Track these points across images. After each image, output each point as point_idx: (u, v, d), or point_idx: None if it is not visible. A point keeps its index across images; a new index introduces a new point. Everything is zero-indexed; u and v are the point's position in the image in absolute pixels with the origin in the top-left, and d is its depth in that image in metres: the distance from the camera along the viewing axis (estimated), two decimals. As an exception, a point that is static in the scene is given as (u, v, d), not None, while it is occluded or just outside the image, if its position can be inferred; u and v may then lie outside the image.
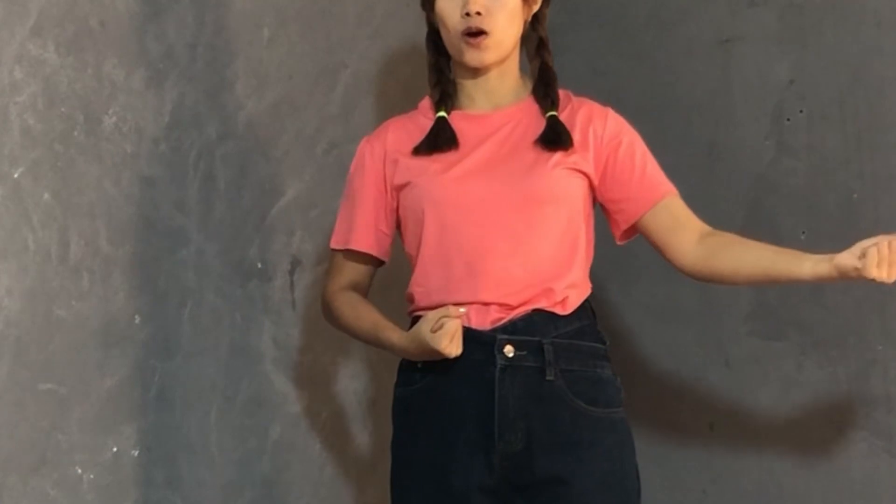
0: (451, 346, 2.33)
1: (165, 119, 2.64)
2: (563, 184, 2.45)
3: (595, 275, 2.53)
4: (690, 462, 3.10)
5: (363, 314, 2.52)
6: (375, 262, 2.58)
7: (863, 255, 2.31)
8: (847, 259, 2.33)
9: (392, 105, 2.98)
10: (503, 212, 2.42)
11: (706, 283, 2.54)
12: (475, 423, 2.39)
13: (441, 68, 2.55)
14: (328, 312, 2.60)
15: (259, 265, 2.82)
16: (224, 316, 2.74)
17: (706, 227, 2.52)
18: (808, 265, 2.38)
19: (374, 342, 2.51)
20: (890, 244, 2.30)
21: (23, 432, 2.40)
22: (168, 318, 2.64)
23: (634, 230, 2.54)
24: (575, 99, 2.55)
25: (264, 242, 2.83)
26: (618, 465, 2.42)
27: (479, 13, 2.43)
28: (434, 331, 2.34)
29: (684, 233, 2.50)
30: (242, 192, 2.79)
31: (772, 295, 3.00)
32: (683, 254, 2.50)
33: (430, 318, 2.35)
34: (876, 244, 2.30)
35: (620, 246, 2.59)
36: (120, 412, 2.55)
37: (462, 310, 2.36)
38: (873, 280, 2.31)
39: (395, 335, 2.44)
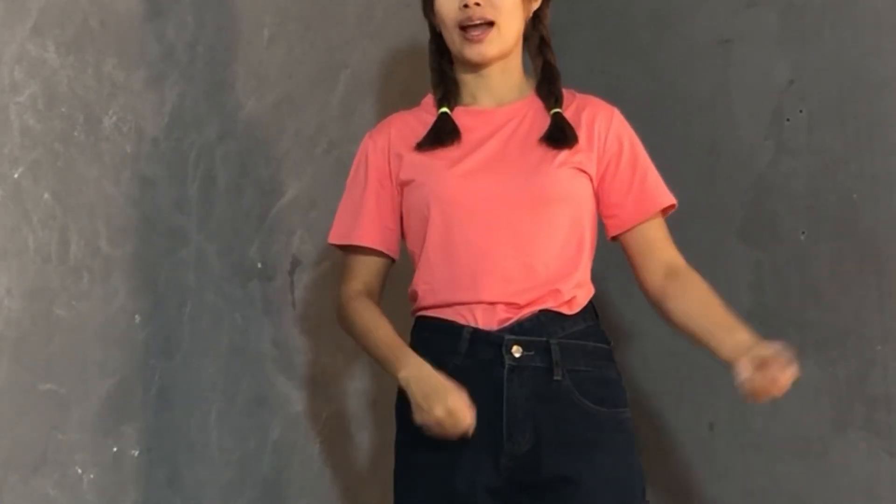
0: (428, 423, 2.31)
1: (165, 119, 2.64)
2: (568, 183, 2.45)
3: (595, 275, 2.53)
4: (690, 462, 3.10)
5: (378, 326, 2.47)
6: (385, 260, 2.55)
7: (759, 368, 2.26)
8: (741, 370, 2.28)
9: (392, 105, 2.98)
10: (509, 210, 2.42)
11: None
12: (483, 423, 2.37)
13: (444, 71, 2.54)
14: (342, 318, 2.54)
15: (259, 265, 2.82)
16: (224, 316, 2.74)
17: (677, 261, 2.48)
18: (726, 350, 2.34)
19: (378, 356, 2.45)
20: (774, 377, 2.26)
21: (23, 432, 2.40)
22: (168, 318, 2.64)
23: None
24: (579, 96, 2.54)
25: (264, 242, 2.83)
26: (624, 464, 2.42)
27: (477, 3, 2.43)
28: (438, 414, 2.30)
29: (652, 262, 2.48)
30: (242, 192, 2.79)
31: (772, 295, 3.00)
32: (646, 281, 2.49)
33: (458, 410, 2.30)
34: (764, 366, 2.26)
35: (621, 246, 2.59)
36: (120, 412, 2.55)
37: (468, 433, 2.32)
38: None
39: (409, 361, 2.38)
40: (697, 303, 2.44)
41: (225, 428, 2.73)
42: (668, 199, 2.51)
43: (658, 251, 2.49)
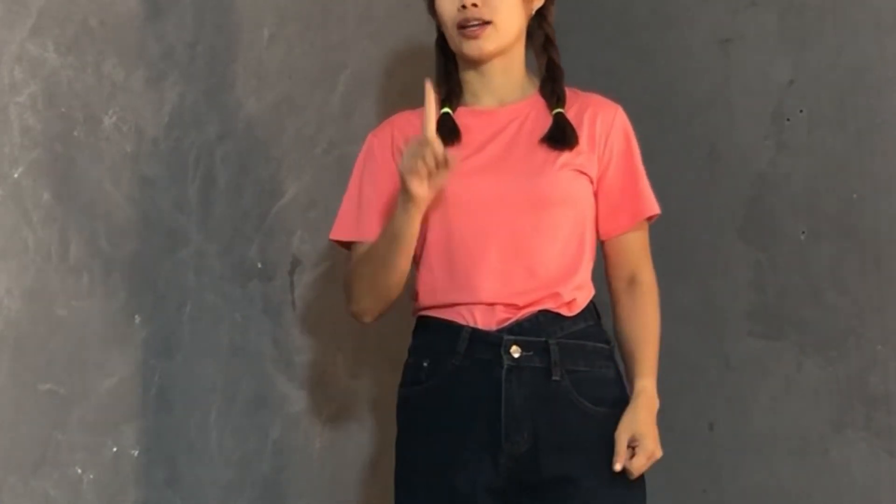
0: (417, 184, 2.32)
1: (165, 119, 2.64)
2: (569, 185, 2.44)
3: (596, 274, 2.53)
4: (690, 462, 3.10)
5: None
6: None
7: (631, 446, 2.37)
8: (618, 438, 2.38)
9: (392, 105, 2.98)
10: (509, 212, 2.42)
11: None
12: (482, 423, 2.38)
13: (449, 71, 2.54)
14: (348, 291, 2.52)
15: (259, 265, 2.82)
16: (224, 316, 2.74)
17: (642, 275, 2.50)
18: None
19: (389, 241, 2.41)
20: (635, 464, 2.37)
21: (23, 432, 2.40)
22: (168, 318, 2.64)
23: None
24: (583, 95, 2.53)
25: (264, 242, 2.83)
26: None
27: (475, 4, 2.43)
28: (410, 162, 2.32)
29: (621, 269, 2.50)
30: (242, 192, 2.79)
31: (772, 295, 3.00)
32: (610, 283, 2.52)
33: (411, 149, 2.32)
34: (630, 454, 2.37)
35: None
36: (120, 412, 2.55)
37: (452, 160, 2.32)
38: None
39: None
40: (636, 330, 2.48)
41: (225, 428, 2.73)
42: (655, 208, 2.52)
43: (629, 259, 2.51)
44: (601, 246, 2.53)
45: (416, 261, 2.50)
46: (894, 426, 2.83)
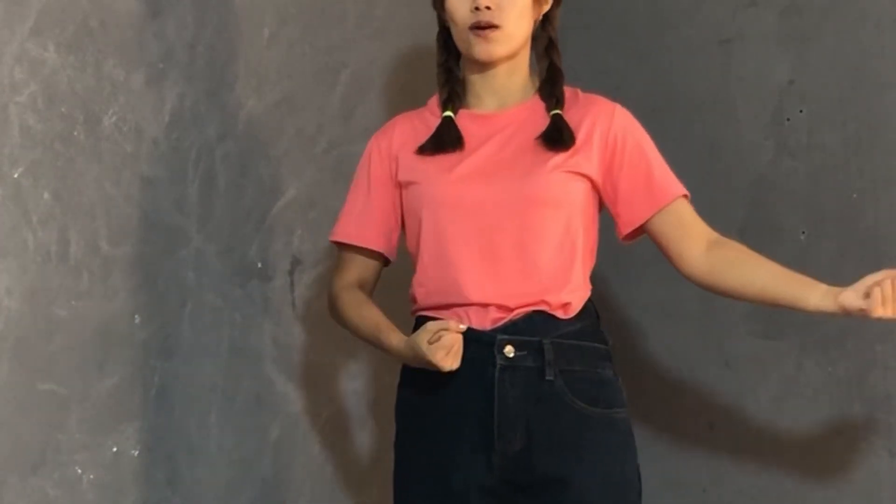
0: (447, 360, 2.32)
1: (165, 119, 2.64)
2: (560, 187, 2.44)
3: (595, 274, 2.53)
4: (690, 462, 3.10)
5: (366, 314, 2.50)
6: (383, 260, 2.58)
7: (867, 295, 2.31)
8: (852, 299, 2.33)
9: (392, 105, 2.98)
10: (499, 214, 2.42)
11: (711, 292, 2.52)
12: (475, 423, 2.39)
13: (450, 68, 2.55)
14: (333, 309, 2.59)
15: (259, 265, 2.82)
16: (224, 316, 2.74)
17: (713, 235, 2.48)
18: (815, 299, 2.38)
19: (374, 343, 2.50)
20: (893, 281, 2.30)
21: (23, 432, 2.40)
22: (168, 318, 2.64)
23: (639, 232, 2.51)
24: (583, 96, 2.53)
25: (264, 242, 2.83)
26: (618, 465, 2.42)
27: (488, 7, 2.43)
28: (432, 342, 2.33)
29: (690, 241, 2.47)
30: (242, 192, 2.79)
31: (772, 295, 2.99)
32: (689, 264, 2.47)
33: (429, 328, 2.34)
34: (879, 283, 2.30)
35: (621, 246, 2.58)
36: (120, 412, 2.55)
37: (463, 327, 2.34)
38: (879, 319, 2.31)
39: (394, 338, 2.43)
40: (762, 264, 2.44)
41: (225, 428, 2.73)
42: (679, 189, 2.50)
43: (693, 228, 2.48)
44: (653, 240, 2.50)
45: (413, 261, 2.51)
46: (894, 426, 2.83)
